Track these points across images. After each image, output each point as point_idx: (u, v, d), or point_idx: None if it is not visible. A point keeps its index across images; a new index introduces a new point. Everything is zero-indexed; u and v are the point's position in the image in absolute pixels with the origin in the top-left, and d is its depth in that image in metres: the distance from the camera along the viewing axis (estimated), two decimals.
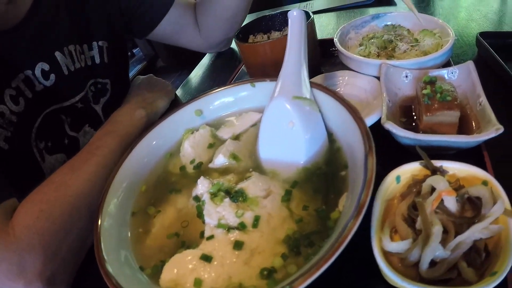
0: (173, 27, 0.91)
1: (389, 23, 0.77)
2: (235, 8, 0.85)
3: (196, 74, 1.09)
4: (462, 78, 0.59)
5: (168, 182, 0.53)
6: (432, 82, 0.56)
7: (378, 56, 0.67)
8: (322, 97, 0.50)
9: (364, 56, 0.68)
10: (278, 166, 0.48)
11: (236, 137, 0.56)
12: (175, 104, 0.84)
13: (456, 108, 0.51)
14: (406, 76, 0.61)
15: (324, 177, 0.45)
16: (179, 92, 1.01)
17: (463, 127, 0.55)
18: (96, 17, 0.77)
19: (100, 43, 0.78)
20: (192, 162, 0.54)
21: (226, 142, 0.54)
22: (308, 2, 1.20)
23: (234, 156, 0.51)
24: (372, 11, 1.05)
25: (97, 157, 0.56)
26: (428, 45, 0.67)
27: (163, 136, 0.59)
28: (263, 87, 0.56)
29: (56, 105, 0.68)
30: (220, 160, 0.51)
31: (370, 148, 0.38)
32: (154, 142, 0.58)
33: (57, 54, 0.67)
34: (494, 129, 0.47)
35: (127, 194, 0.51)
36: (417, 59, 0.60)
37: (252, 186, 0.44)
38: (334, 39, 0.71)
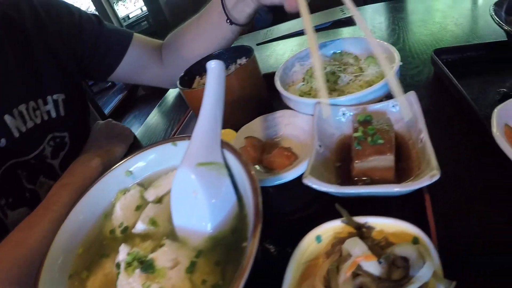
0: (133, 67, 0.91)
1: (337, 50, 0.73)
2: (206, 53, 0.83)
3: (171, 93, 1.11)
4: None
5: (101, 245, 0.53)
6: (367, 121, 0.52)
7: None
8: (230, 159, 0.47)
9: (305, 92, 0.64)
10: (188, 234, 0.46)
11: (159, 199, 0.54)
12: (134, 148, 0.83)
13: (389, 152, 0.47)
14: (343, 114, 0.56)
15: (227, 247, 0.42)
16: (153, 115, 1.03)
17: (404, 165, 0.50)
18: (48, 71, 0.76)
19: (54, 96, 0.77)
20: (120, 225, 0.53)
21: (147, 207, 0.53)
22: (269, 29, 1.17)
23: (153, 222, 0.50)
24: (331, 33, 1.01)
25: (52, 212, 0.56)
26: (372, 74, 0.62)
27: (99, 197, 0.58)
28: (185, 145, 0.53)
29: (12, 160, 0.68)
30: (140, 226, 0.50)
31: (255, 229, 0.35)
32: (91, 204, 0.57)
33: (7, 117, 0.66)
34: (429, 176, 0.42)
35: (65, 260, 0.50)
36: (353, 95, 0.56)
37: (162, 256, 0.43)
38: (275, 76, 0.67)
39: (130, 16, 4.60)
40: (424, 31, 0.86)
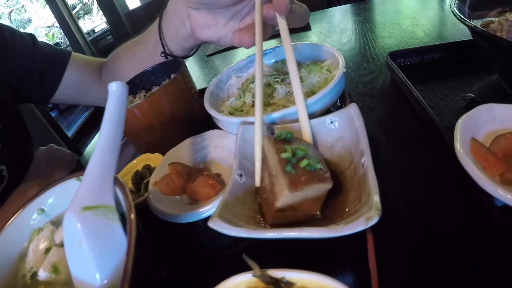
0: (74, 89, 0.86)
1: (278, 59, 0.64)
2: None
3: None
4: (344, 127, 0.46)
5: None
6: (287, 140, 0.42)
7: (253, 106, 0.54)
8: (122, 200, 0.39)
9: (237, 108, 0.55)
10: (82, 285, 0.40)
11: None
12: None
13: (329, 181, 0.37)
14: (273, 134, 0.47)
15: None
16: None
17: (343, 197, 0.41)
18: None
19: None
20: (30, 270, 0.48)
21: (51, 251, 0.46)
22: None
23: (55, 269, 0.45)
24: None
25: None
26: (312, 83, 0.53)
27: (15, 237, 0.51)
28: None
29: None
30: (42, 274, 0.45)
31: None
32: (7, 244, 0.51)
33: None
34: (365, 218, 0.33)
35: None
36: (282, 111, 0.47)
37: None
38: (205, 92, 0.58)
39: (96, 30, 4.58)
40: (382, 33, 0.77)
